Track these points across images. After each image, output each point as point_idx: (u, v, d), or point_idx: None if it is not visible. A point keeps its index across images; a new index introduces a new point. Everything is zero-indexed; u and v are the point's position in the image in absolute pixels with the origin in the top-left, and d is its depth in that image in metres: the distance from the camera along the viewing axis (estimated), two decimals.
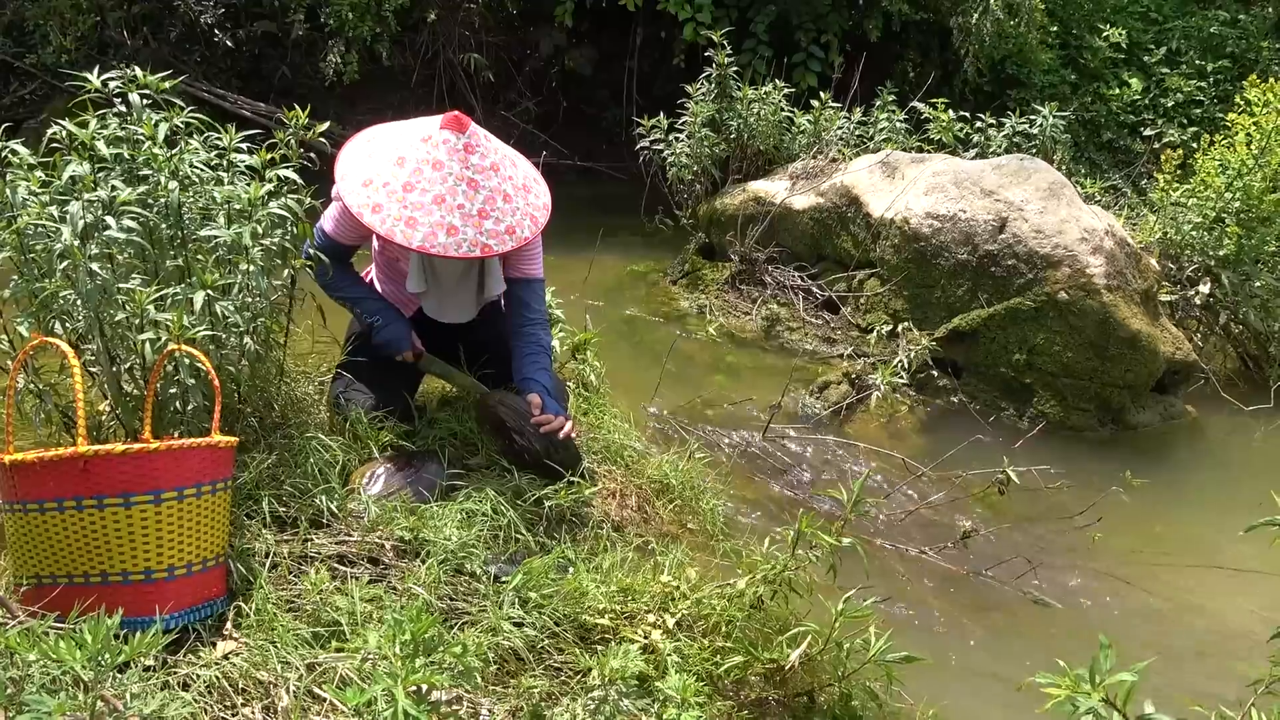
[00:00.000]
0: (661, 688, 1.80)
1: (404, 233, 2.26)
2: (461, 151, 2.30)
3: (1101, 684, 1.44)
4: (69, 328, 2.07)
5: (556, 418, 2.43)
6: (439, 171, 2.29)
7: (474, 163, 2.32)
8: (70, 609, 1.63)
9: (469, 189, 2.30)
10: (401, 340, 2.51)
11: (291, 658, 1.75)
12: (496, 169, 2.36)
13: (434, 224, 2.26)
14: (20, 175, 2.00)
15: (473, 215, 2.30)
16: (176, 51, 6.66)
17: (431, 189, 2.28)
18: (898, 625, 2.54)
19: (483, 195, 2.32)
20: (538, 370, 2.53)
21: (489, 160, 2.35)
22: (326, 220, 2.49)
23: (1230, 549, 3.08)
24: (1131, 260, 4.24)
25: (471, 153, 2.32)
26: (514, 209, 2.38)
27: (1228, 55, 8.01)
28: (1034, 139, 5.38)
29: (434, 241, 2.27)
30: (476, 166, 2.32)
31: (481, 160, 2.33)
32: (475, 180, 2.31)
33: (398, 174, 2.30)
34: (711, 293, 5.07)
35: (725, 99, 5.47)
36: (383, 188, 2.30)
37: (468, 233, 2.29)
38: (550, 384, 2.54)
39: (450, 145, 2.30)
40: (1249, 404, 4.42)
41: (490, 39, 7.41)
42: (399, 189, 2.28)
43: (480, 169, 2.32)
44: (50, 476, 1.70)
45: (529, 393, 2.48)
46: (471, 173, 2.31)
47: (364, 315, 2.54)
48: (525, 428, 2.42)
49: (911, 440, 3.87)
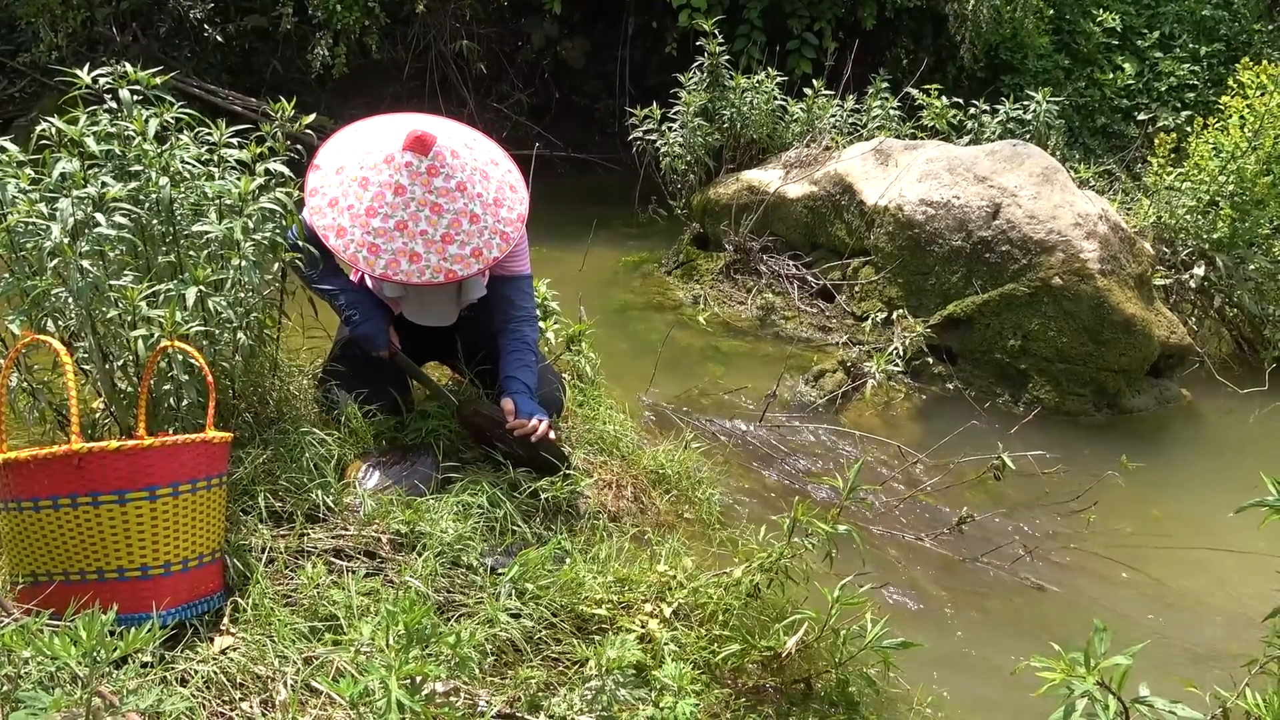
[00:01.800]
0: (658, 676, 1.81)
1: (366, 259, 2.25)
2: (425, 175, 2.26)
3: (1096, 667, 1.45)
4: (61, 325, 2.06)
5: (530, 421, 2.40)
6: (400, 197, 2.26)
7: (438, 185, 2.28)
8: (66, 606, 1.64)
9: (432, 214, 2.27)
10: (378, 335, 2.48)
11: (289, 652, 1.75)
12: (463, 189, 2.31)
13: (396, 251, 2.25)
14: (10, 172, 1.99)
15: (436, 241, 2.28)
16: (166, 47, 6.63)
17: (394, 215, 2.26)
18: (894, 611, 2.55)
19: (447, 219, 2.29)
20: (520, 368, 2.52)
21: (455, 180, 2.30)
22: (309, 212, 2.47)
23: (1225, 531, 3.09)
24: (1125, 245, 4.24)
25: (435, 175, 2.27)
26: (481, 229, 2.34)
27: (1221, 38, 8.00)
28: (1028, 125, 5.37)
29: (396, 269, 2.26)
30: (440, 190, 2.28)
31: (446, 182, 2.29)
32: (439, 205, 2.28)
33: (361, 197, 2.27)
34: (706, 282, 5.07)
35: (718, 88, 5.46)
36: (346, 210, 2.28)
37: (430, 259, 2.27)
38: (532, 381, 2.52)
39: (413, 169, 2.26)
40: (1244, 387, 4.43)
41: (481, 31, 7.38)
42: (362, 213, 2.26)
43: (444, 191, 2.28)
44: (44, 474, 1.70)
45: (507, 392, 2.46)
46: (435, 196, 2.27)
47: (343, 309, 2.49)
48: (504, 434, 2.42)
49: (907, 427, 3.88)
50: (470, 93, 7.48)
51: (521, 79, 7.78)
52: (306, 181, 2.35)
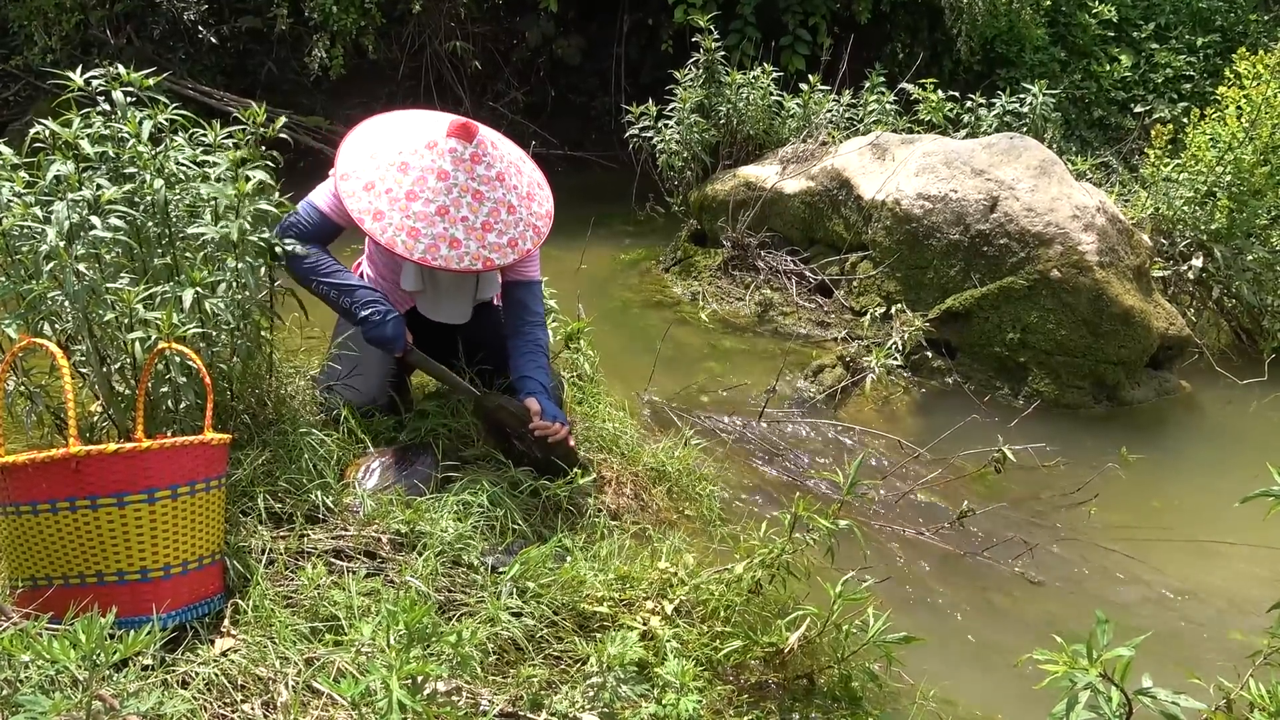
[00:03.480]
0: (660, 673, 1.81)
1: (405, 243, 2.23)
2: (468, 161, 2.27)
3: (1099, 659, 1.45)
4: (58, 328, 2.06)
5: (554, 424, 2.41)
6: (444, 182, 2.25)
7: (480, 173, 2.29)
8: (66, 610, 1.64)
9: (474, 201, 2.28)
10: (400, 336, 2.42)
11: (290, 653, 1.75)
12: (502, 179, 2.33)
13: (436, 236, 2.24)
14: (4, 176, 1.98)
15: (476, 228, 2.28)
16: (161, 49, 6.61)
17: (435, 200, 2.25)
18: (896, 606, 2.55)
19: (487, 208, 2.30)
20: (535, 369, 2.52)
21: (495, 170, 2.32)
22: (320, 197, 2.39)
23: (1227, 522, 3.09)
24: (1123, 237, 4.23)
25: (478, 163, 2.29)
26: (517, 220, 2.36)
27: (1217, 29, 7.99)
28: (1024, 118, 5.37)
29: (436, 254, 2.24)
30: (482, 177, 2.29)
31: (487, 171, 2.30)
32: (480, 192, 2.29)
33: (401, 181, 2.25)
34: (704, 279, 5.06)
35: (714, 84, 5.45)
36: (385, 194, 2.26)
37: (470, 246, 2.27)
38: (547, 381, 2.53)
39: (457, 154, 2.26)
40: (1243, 378, 4.43)
41: (476, 29, 7.36)
42: (401, 197, 2.25)
43: (486, 180, 2.30)
44: (42, 478, 1.69)
45: (526, 392, 2.46)
46: (477, 184, 2.28)
47: (356, 306, 2.38)
48: (525, 433, 2.42)
49: (907, 422, 3.88)
50: (466, 92, 7.47)
51: (517, 77, 7.77)
52: (335, 166, 2.34)
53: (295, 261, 2.33)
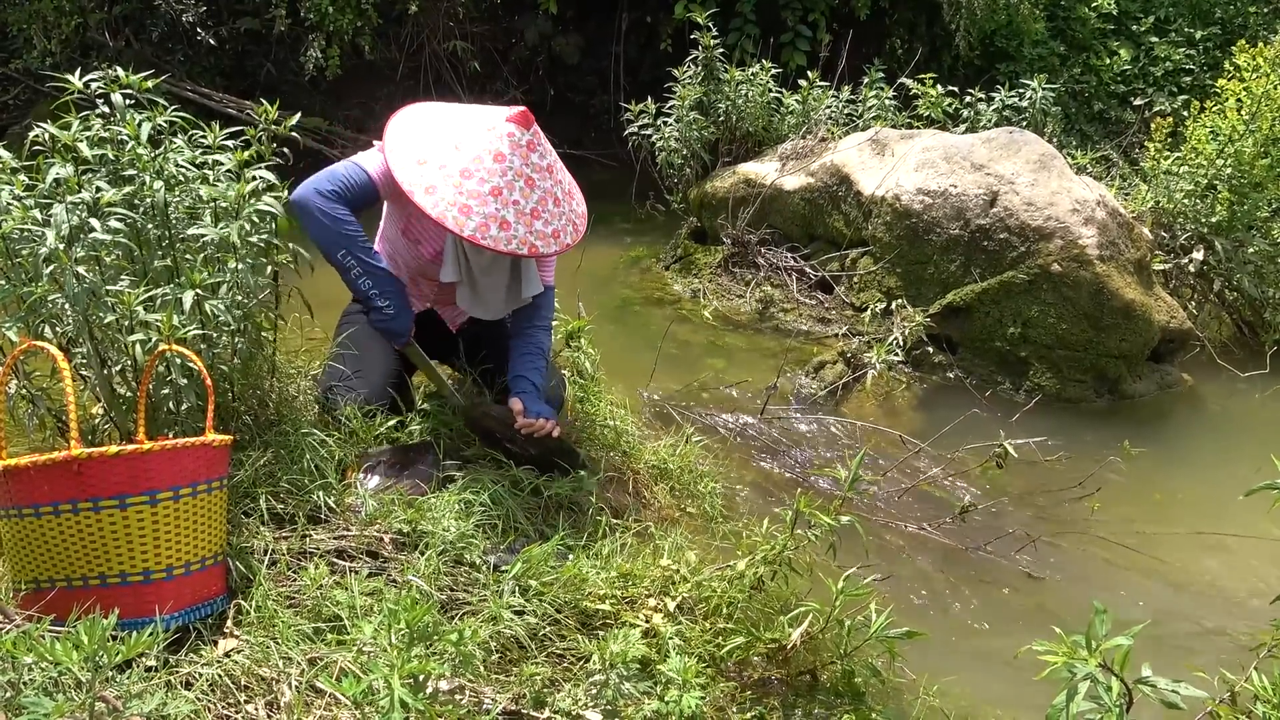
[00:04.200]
0: (663, 670, 1.81)
1: (456, 219, 2.22)
2: (524, 148, 2.29)
3: (1098, 649, 1.45)
4: (58, 331, 2.06)
5: (539, 420, 2.41)
6: (500, 164, 2.26)
7: (534, 161, 2.31)
8: (69, 612, 1.64)
9: (526, 187, 2.29)
10: (405, 332, 2.44)
11: (293, 653, 1.75)
12: (551, 170, 2.36)
13: (488, 216, 2.24)
14: (4, 179, 1.98)
15: (525, 214, 2.29)
16: (160, 51, 6.62)
17: (490, 180, 2.26)
18: (899, 601, 2.55)
19: (537, 195, 2.31)
20: (529, 369, 2.52)
21: (546, 161, 2.35)
22: (370, 163, 2.36)
23: (1229, 515, 3.08)
24: (1124, 230, 4.23)
25: (533, 151, 2.31)
26: (561, 213, 2.38)
27: (1216, 21, 7.98)
28: (1024, 112, 5.36)
29: (485, 234, 2.24)
30: (535, 165, 2.31)
31: (540, 160, 2.33)
32: (533, 179, 2.30)
33: (455, 158, 2.26)
34: (704, 276, 5.06)
35: (713, 81, 5.45)
36: (438, 169, 2.26)
37: (519, 230, 2.28)
38: (540, 382, 2.52)
39: (514, 140, 2.28)
40: (1245, 370, 4.43)
41: (475, 29, 7.37)
42: (455, 174, 2.25)
43: (538, 168, 2.32)
44: (44, 480, 1.69)
45: (515, 392, 2.46)
46: (530, 170, 2.30)
47: (375, 292, 2.37)
48: (514, 434, 2.42)
49: (908, 417, 3.88)
50: (465, 91, 7.47)
51: (516, 76, 7.77)
52: (384, 140, 2.34)
53: (334, 222, 2.29)
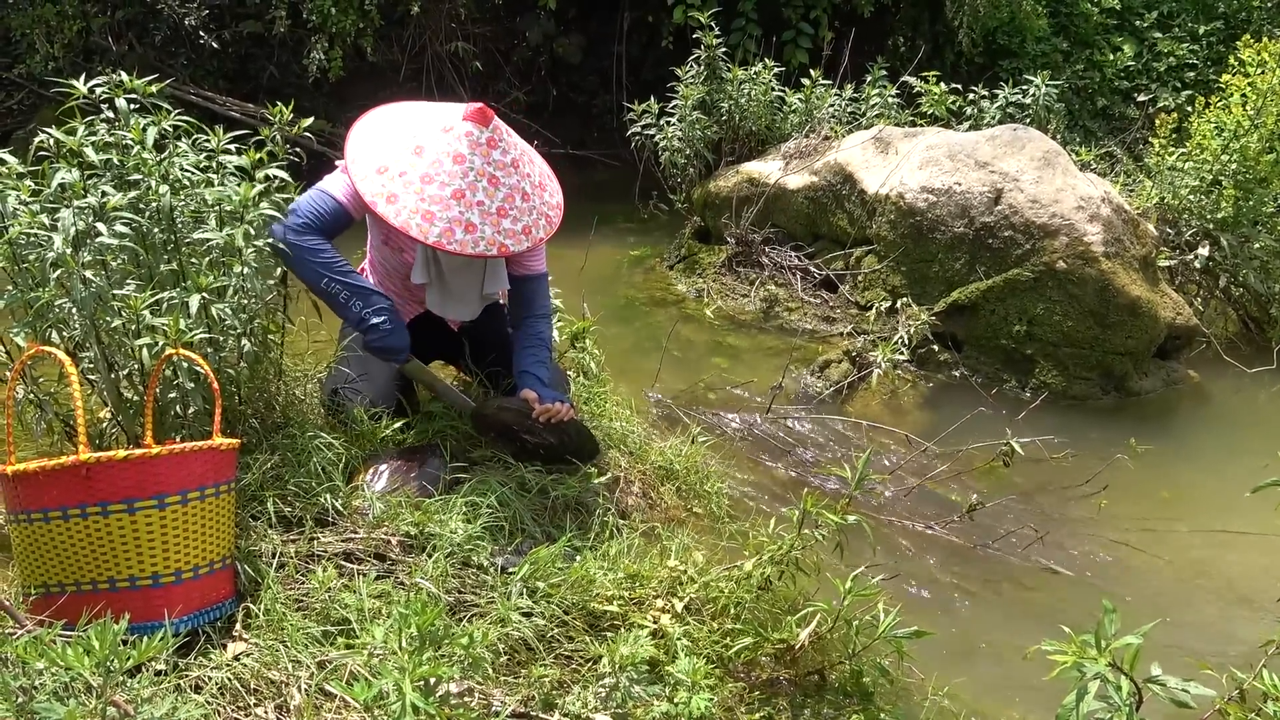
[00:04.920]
0: (672, 672, 1.81)
1: (420, 226, 2.20)
2: (484, 146, 2.25)
3: (1108, 648, 1.44)
4: (66, 336, 2.06)
5: (555, 405, 2.40)
6: (460, 165, 2.23)
7: (495, 158, 2.27)
8: (79, 617, 1.65)
9: (489, 185, 2.26)
10: (405, 348, 2.38)
11: (302, 656, 1.76)
12: (516, 165, 2.32)
13: (452, 219, 2.22)
14: (10, 184, 1.99)
15: (491, 213, 2.25)
16: (163, 55, 6.62)
17: (451, 183, 2.22)
18: (906, 600, 2.55)
19: (502, 193, 2.28)
20: (534, 363, 2.51)
21: (510, 156, 2.31)
22: (335, 186, 2.31)
23: (1237, 512, 3.08)
24: (1129, 227, 4.22)
25: (494, 148, 2.27)
26: (530, 208, 2.34)
27: (1220, 16, 7.95)
28: (1027, 109, 5.35)
29: (451, 238, 2.21)
30: (498, 163, 2.27)
31: (503, 156, 2.29)
32: (496, 177, 2.27)
33: (416, 164, 2.23)
34: (709, 276, 5.06)
35: (715, 80, 5.45)
36: (399, 177, 2.23)
37: (485, 231, 2.24)
38: (547, 376, 2.51)
39: (473, 139, 2.25)
40: (1251, 366, 4.41)
41: (477, 30, 7.36)
42: (416, 180, 2.22)
43: (501, 165, 2.28)
44: (53, 486, 1.70)
45: (523, 387, 2.45)
46: (493, 169, 2.26)
47: (367, 311, 2.30)
48: (533, 425, 2.41)
49: (914, 416, 3.87)
50: (467, 92, 7.47)
51: (518, 77, 7.76)
52: (345, 151, 2.30)
53: (307, 254, 2.25)
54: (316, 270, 2.27)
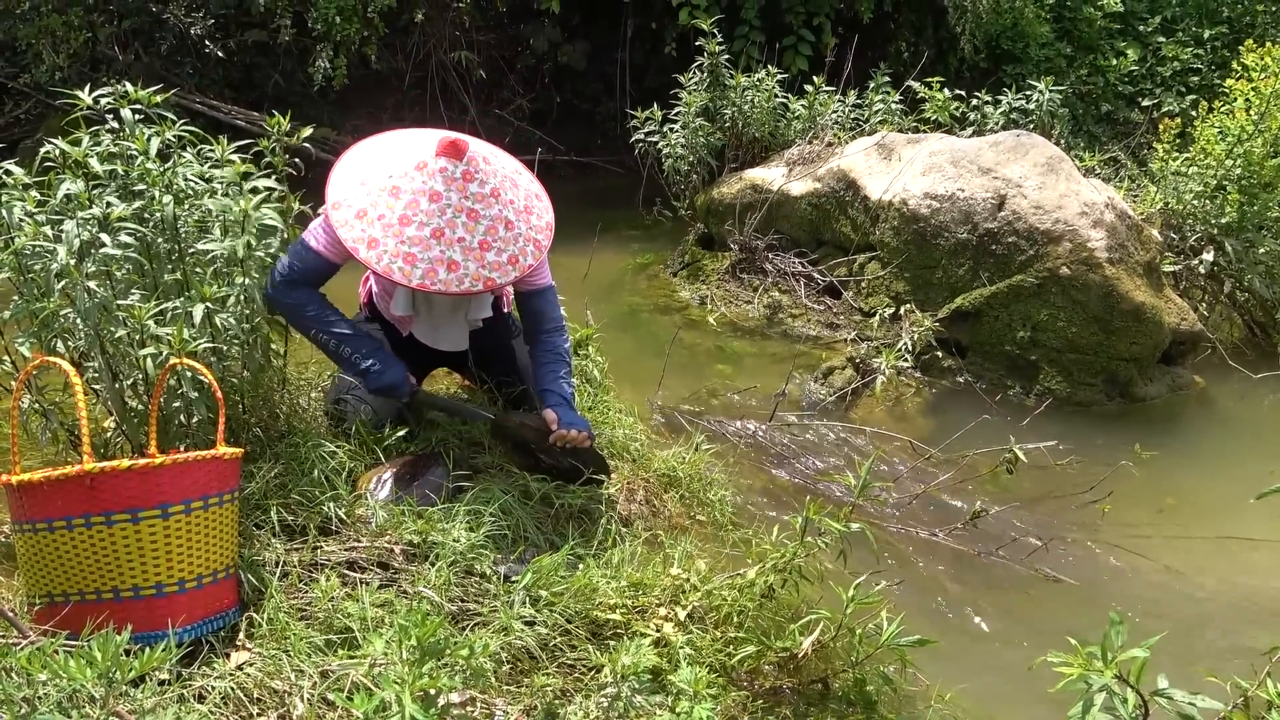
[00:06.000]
0: (674, 681, 1.80)
1: (402, 270, 2.17)
2: (460, 180, 2.21)
3: (1114, 661, 1.44)
4: (71, 346, 2.08)
5: (572, 430, 2.40)
6: (436, 203, 2.19)
7: (473, 191, 2.22)
8: (83, 626, 1.65)
9: (469, 220, 2.21)
10: (401, 385, 2.39)
11: (305, 665, 1.76)
12: (497, 195, 2.26)
13: (434, 260, 2.18)
14: (15, 195, 2.00)
15: (474, 248, 2.21)
16: (168, 64, 6.65)
17: (430, 222, 2.19)
18: (910, 608, 2.54)
19: (484, 226, 2.23)
20: (555, 380, 2.50)
21: (489, 186, 2.25)
22: (314, 236, 2.31)
23: (1242, 518, 3.07)
24: (1133, 232, 4.21)
25: (470, 180, 2.22)
26: (515, 236, 2.29)
27: (1224, 21, 7.94)
28: (1031, 114, 5.35)
29: (434, 279, 2.18)
30: (476, 195, 2.22)
31: (481, 188, 2.23)
32: (475, 210, 2.22)
33: (393, 206, 2.19)
34: (712, 282, 5.06)
35: (718, 87, 5.45)
36: (378, 220, 2.19)
37: (469, 267, 2.21)
38: (569, 393, 2.52)
39: (448, 174, 2.20)
40: (1257, 372, 4.40)
41: (480, 38, 7.39)
42: (395, 222, 2.19)
43: (480, 197, 2.23)
44: (57, 495, 1.71)
45: (546, 406, 2.45)
46: (471, 202, 2.21)
47: (357, 357, 2.35)
48: (549, 446, 2.42)
49: (918, 422, 3.86)
50: (471, 100, 7.49)
51: (522, 84, 7.79)
52: (326, 196, 2.29)
53: (294, 310, 2.31)
54: (306, 325, 2.34)
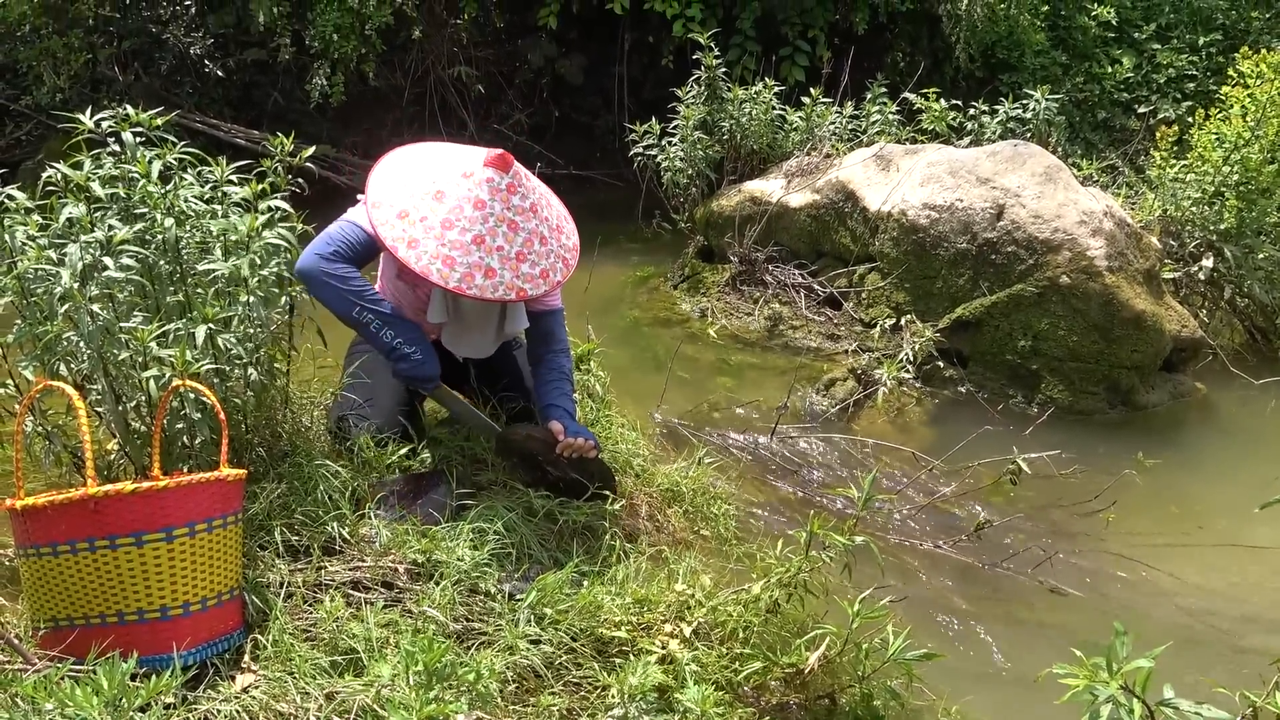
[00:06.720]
0: (681, 699, 1.80)
1: (440, 271, 2.23)
2: (504, 192, 2.29)
3: (1119, 672, 1.44)
4: (74, 369, 2.08)
5: (579, 439, 2.42)
6: (480, 211, 2.27)
7: (515, 204, 2.31)
8: (88, 650, 1.65)
9: (509, 231, 2.29)
10: (435, 377, 2.42)
11: (310, 688, 1.75)
12: (535, 210, 2.36)
13: (472, 265, 2.25)
14: (18, 220, 2.01)
15: (510, 258, 2.29)
16: (168, 84, 6.68)
17: (472, 229, 2.26)
18: (916, 622, 2.53)
19: (521, 238, 2.31)
20: (559, 396, 2.54)
21: (529, 201, 2.34)
22: (364, 218, 2.34)
23: (1246, 526, 3.06)
24: (1132, 240, 4.22)
25: (514, 193, 2.31)
26: (548, 252, 2.38)
27: (1218, 27, 7.97)
28: (1028, 123, 5.36)
29: (471, 283, 2.25)
30: (517, 208, 2.31)
31: (522, 201, 2.32)
32: (515, 222, 2.30)
33: (436, 209, 2.26)
34: (712, 295, 5.07)
35: (716, 100, 5.47)
36: (420, 222, 2.26)
37: (505, 275, 2.28)
38: (572, 408, 2.55)
39: (494, 184, 2.28)
40: (1259, 377, 4.40)
41: (478, 54, 7.42)
42: (437, 225, 2.25)
43: (521, 210, 2.32)
44: (61, 519, 1.71)
45: (550, 419, 2.47)
46: (512, 214, 2.30)
47: (399, 341, 2.35)
48: (555, 457, 2.43)
49: (920, 433, 3.86)
50: (470, 115, 7.52)
51: (520, 99, 7.81)
52: (366, 194, 2.34)
53: (339, 282, 2.30)
54: (348, 299, 2.32)
